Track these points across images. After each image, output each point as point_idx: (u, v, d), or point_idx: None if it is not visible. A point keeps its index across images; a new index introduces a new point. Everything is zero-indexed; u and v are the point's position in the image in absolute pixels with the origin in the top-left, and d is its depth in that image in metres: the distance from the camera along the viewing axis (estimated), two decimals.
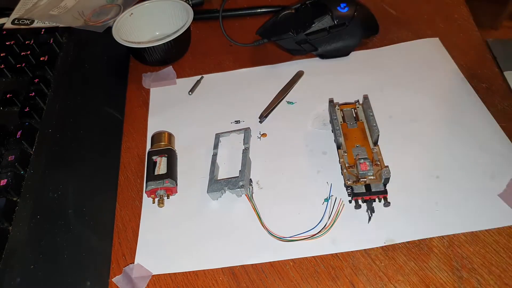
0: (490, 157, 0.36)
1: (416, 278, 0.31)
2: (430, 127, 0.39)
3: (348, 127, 0.38)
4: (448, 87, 0.42)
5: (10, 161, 0.37)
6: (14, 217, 0.35)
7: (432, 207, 0.34)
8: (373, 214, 0.34)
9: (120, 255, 0.35)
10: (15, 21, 0.58)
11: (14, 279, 0.31)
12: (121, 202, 0.39)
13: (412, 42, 0.48)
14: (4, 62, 0.48)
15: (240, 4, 0.57)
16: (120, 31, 0.50)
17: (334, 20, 0.45)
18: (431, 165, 0.37)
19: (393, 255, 0.32)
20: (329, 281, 0.31)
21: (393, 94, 0.43)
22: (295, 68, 0.48)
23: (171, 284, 0.33)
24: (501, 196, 0.34)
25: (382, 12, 0.52)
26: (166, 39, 0.48)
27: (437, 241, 0.32)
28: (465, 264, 0.31)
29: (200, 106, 0.46)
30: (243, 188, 0.36)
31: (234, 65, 0.50)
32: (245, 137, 0.40)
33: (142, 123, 0.45)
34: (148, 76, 0.50)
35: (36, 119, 0.42)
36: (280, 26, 0.48)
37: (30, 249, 0.33)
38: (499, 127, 0.38)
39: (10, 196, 0.35)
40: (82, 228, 0.35)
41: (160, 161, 0.39)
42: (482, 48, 0.46)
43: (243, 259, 0.33)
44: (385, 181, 0.34)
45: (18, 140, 0.39)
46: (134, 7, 0.53)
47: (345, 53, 0.48)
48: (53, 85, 0.46)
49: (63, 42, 0.51)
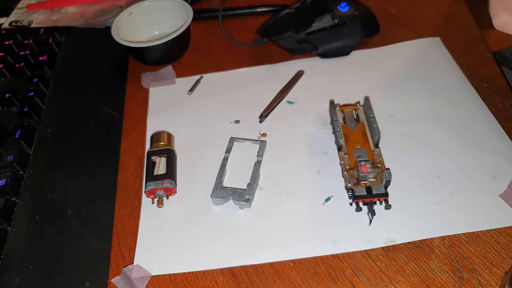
0: (491, 157, 0.36)
1: (417, 278, 0.31)
2: (431, 127, 0.39)
3: (348, 128, 0.38)
4: (449, 87, 0.42)
5: (9, 161, 0.37)
6: (13, 217, 0.35)
7: (433, 208, 0.34)
8: (374, 217, 0.34)
9: (119, 256, 0.35)
10: (13, 23, 0.58)
11: (13, 279, 0.31)
12: (120, 202, 0.39)
13: (413, 42, 0.48)
14: (3, 62, 0.48)
15: (240, 3, 0.57)
16: (119, 31, 0.50)
17: (334, 19, 0.45)
18: (432, 166, 0.36)
19: (394, 256, 0.32)
20: (329, 282, 0.31)
21: (394, 93, 0.43)
22: (295, 67, 0.47)
23: (170, 285, 0.33)
24: (502, 196, 0.34)
25: (383, 12, 0.52)
26: (165, 38, 0.47)
27: (438, 241, 0.32)
28: (466, 265, 0.31)
29: (199, 106, 0.46)
30: (248, 202, 0.36)
31: (234, 64, 0.50)
32: (260, 149, 0.39)
33: (141, 123, 0.45)
34: (147, 75, 0.50)
35: (35, 119, 0.42)
36: (280, 25, 0.48)
37: (29, 249, 0.33)
38: (500, 127, 0.38)
39: (9, 196, 0.35)
40: (81, 228, 0.35)
41: (159, 161, 0.39)
42: (483, 48, 0.46)
43: (243, 259, 0.33)
44: (386, 183, 0.34)
45: (17, 140, 0.39)
46: (134, 7, 0.53)
47: (345, 52, 0.48)
48: (52, 85, 0.46)
49: (62, 41, 0.51)
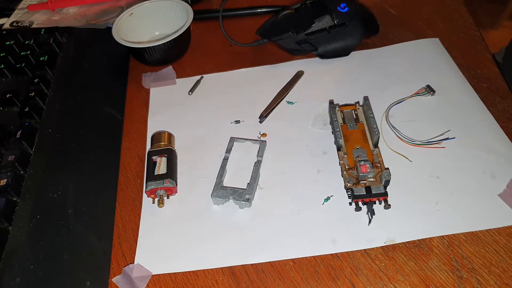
0: (490, 157, 0.36)
1: (416, 278, 0.31)
2: (430, 127, 0.39)
3: (348, 128, 0.38)
4: (448, 87, 0.42)
5: (10, 161, 0.37)
6: (14, 217, 0.35)
7: (432, 207, 0.34)
8: (373, 217, 0.34)
9: (120, 255, 0.35)
10: (14, 23, 0.58)
11: (14, 279, 0.31)
12: (121, 202, 0.39)
13: (412, 42, 0.48)
14: (4, 62, 0.48)
15: (240, 4, 0.57)
16: (120, 31, 0.50)
17: (334, 20, 0.45)
18: (431, 165, 0.37)
19: (393, 255, 0.32)
20: (329, 281, 0.31)
21: (393, 94, 0.43)
22: (295, 68, 0.48)
23: (171, 284, 0.33)
24: (501, 196, 0.34)
25: (382, 12, 0.52)
26: (166, 39, 0.48)
27: (437, 241, 0.32)
28: (465, 264, 0.31)
29: (200, 106, 0.46)
30: (248, 202, 0.36)
31: (234, 65, 0.50)
32: (260, 149, 0.40)
33: (142, 123, 0.45)
34: (148, 76, 0.50)
35: (36, 119, 0.42)
36: (280, 26, 0.48)
37: (30, 249, 0.33)
38: (499, 127, 0.38)
39: (10, 196, 0.35)
40: (82, 228, 0.35)
41: (160, 161, 0.39)
42: (482, 48, 0.46)
43: (243, 259, 0.33)
44: (385, 183, 0.34)
45: (18, 140, 0.39)
46: (134, 7, 0.53)
47: (345, 53, 0.48)
48: (53, 85, 0.46)
49: (63, 42, 0.51)
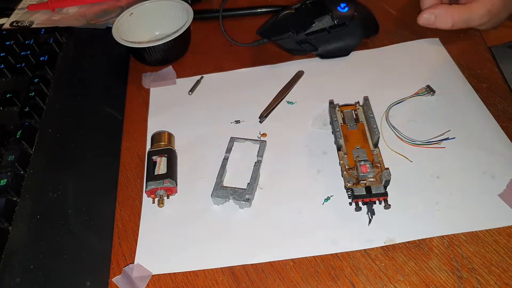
0: (490, 157, 0.36)
1: (416, 278, 0.31)
2: (430, 127, 0.39)
3: (348, 128, 0.38)
4: (448, 87, 0.42)
5: (10, 161, 0.37)
6: (14, 217, 0.35)
7: (432, 207, 0.34)
8: (373, 217, 0.34)
9: (120, 255, 0.35)
10: (14, 23, 0.58)
11: (14, 279, 0.31)
12: (121, 202, 0.39)
13: (412, 42, 0.48)
14: (4, 62, 0.48)
15: (240, 4, 0.57)
16: (120, 31, 0.50)
17: (334, 20, 0.45)
18: (432, 165, 0.37)
19: (393, 255, 0.32)
20: (329, 281, 0.31)
21: (393, 94, 0.43)
22: (295, 68, 0.48)
23: (171, 284, 0.33)
24: (501, 196, 0.34)
25: (382, 12, 0.52)
26: (166, 39, 0.48)
27: (437, 241, 0.32)
28: (465, 264, 0.31)
29: (200, 106, 0.46)
30: (248, 202, 0.36)
31: (234, 65, 0.50)
32: (260, 149, 0.40)
33: (142, 123, 0.45)
34: (148, 76, 0.50)
35: (36, 119, 0.42)
36: (280, 26, 0.48)
37: (30, 249, 0.33)
38: (499, 127, 0.38)
39: (10, 196, 0.35)
40: (82, 228, 0.35)
41: (160, 161, 0.39)
42: (482, 48, 0.46)
43: (243, 259, 0.33)
44: (385, 183, 0.34)
45: (18, 140, 0.39)
46: (134, 7, 0.53)
47: (345, 53, 0.48)
48: (53, 85, 0.46)
49: (63, 42, 0.51)
